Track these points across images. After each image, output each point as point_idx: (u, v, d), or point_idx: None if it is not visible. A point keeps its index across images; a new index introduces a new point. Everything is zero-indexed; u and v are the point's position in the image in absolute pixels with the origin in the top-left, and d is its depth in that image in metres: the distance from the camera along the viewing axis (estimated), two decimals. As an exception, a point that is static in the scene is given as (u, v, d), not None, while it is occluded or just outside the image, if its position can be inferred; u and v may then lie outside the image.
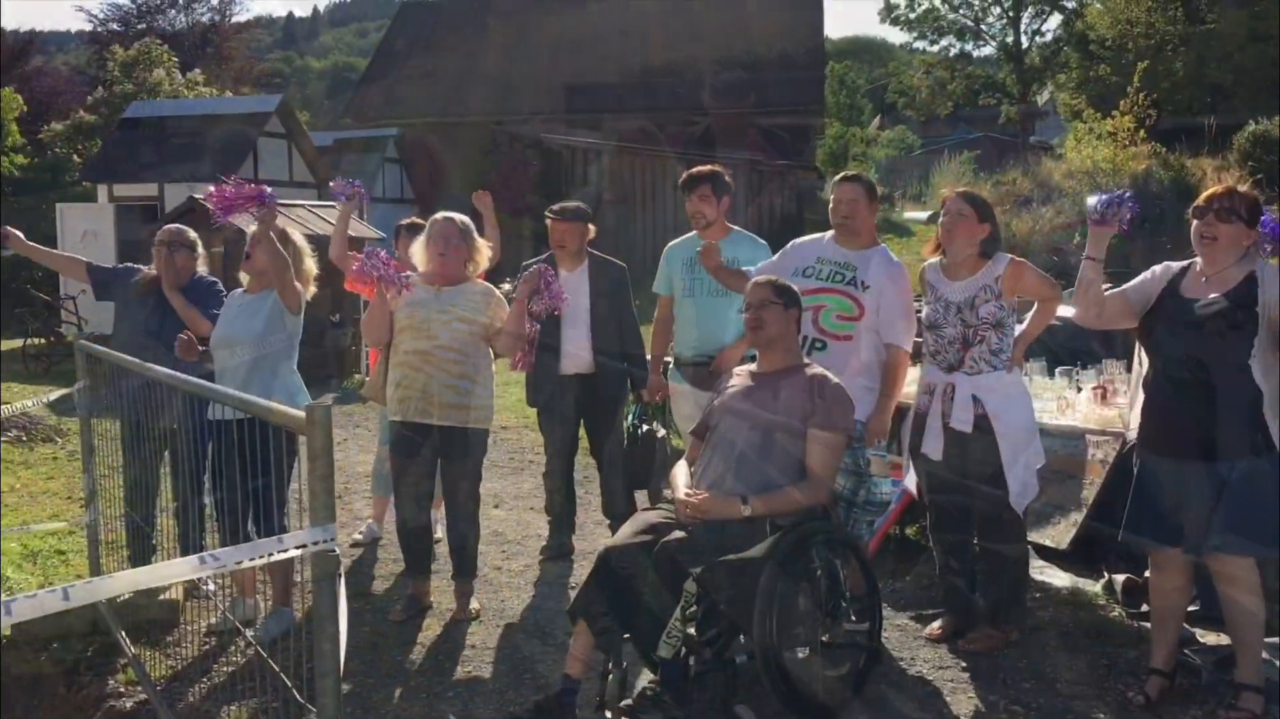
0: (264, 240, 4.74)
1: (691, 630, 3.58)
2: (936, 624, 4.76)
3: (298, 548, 2.14)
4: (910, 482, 5.03)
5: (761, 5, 27.86)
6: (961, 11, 32.39)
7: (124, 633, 4.58)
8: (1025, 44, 31.52)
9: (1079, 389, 5.46)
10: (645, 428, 5.79)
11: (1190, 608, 4.42)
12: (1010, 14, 31.20)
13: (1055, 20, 31.57)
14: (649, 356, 5.94)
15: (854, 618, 4.02)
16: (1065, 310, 4.92)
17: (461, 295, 4.96)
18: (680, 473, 4.19)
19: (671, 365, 5.67)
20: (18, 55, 41.46)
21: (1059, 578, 5.32)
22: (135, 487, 5.13)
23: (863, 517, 4.76)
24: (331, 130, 28.57)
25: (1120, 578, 5.04)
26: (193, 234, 5.44)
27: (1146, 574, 4.34)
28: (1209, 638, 4.50)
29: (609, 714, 3.70)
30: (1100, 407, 5.16)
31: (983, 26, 32.40)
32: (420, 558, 5.23)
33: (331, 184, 5.35)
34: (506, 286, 5.30)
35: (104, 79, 31.39)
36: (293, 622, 4.69)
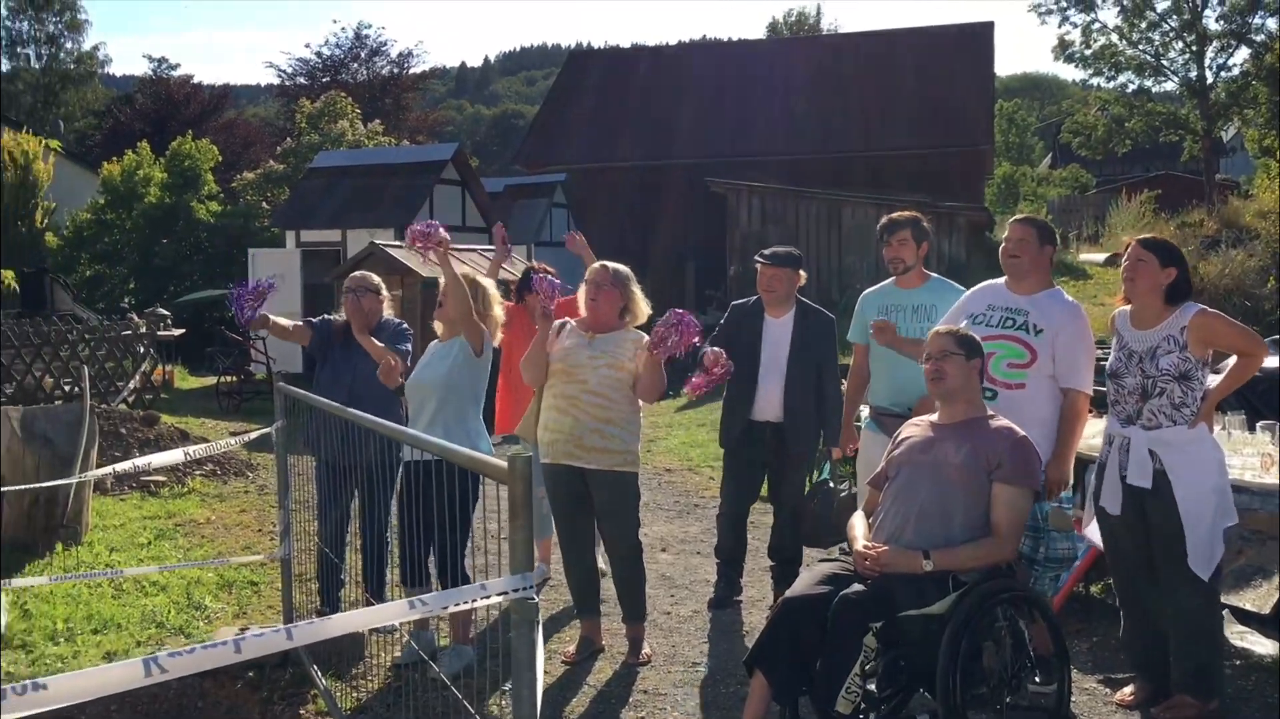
0: (448, 280, 4.90)
1: (871, 687, 3.53)
2: (1128, 690, 4.54)
3: (499, 595, 2.20)
4: (1095, 535, 4.83)
5: (929, 43, 27.52)
6: (1141, 47, 31.20)
7: (315, 665, 4.78)
8: (1210, 79, 30.13)
9: (1282, 444, 5.16)
10: (833, 485, 5.74)
11: None
12: (1194, 48, 29.91)
13: (1242, 54, 30.13)
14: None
15: (1040, 680, 3.89)
16: (1272, 361, 4.67)
17: (613, 342, 5.06)
18: (858, 523, 4.15)
19: (866, 416, 5.61)
20: (213, 108, 44.34)
21: (1262, 644, 5.01)
22: (328, 523, 5.38)
23: (1045, 573, 4.61)
24: (502, 176, 29.46)
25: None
26: (376, 279, 5.69)
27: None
28: None
29: (786, 768, 3.66)
30: (1307, 464, 4.87)
31: (1164, 62, 31.12)
32: (588, 599, 5.30)
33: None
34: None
35: (292, 130, 33.20)
36: (473, 659, 4.81)
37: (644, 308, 5.26)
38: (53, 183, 26.50)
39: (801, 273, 5.88)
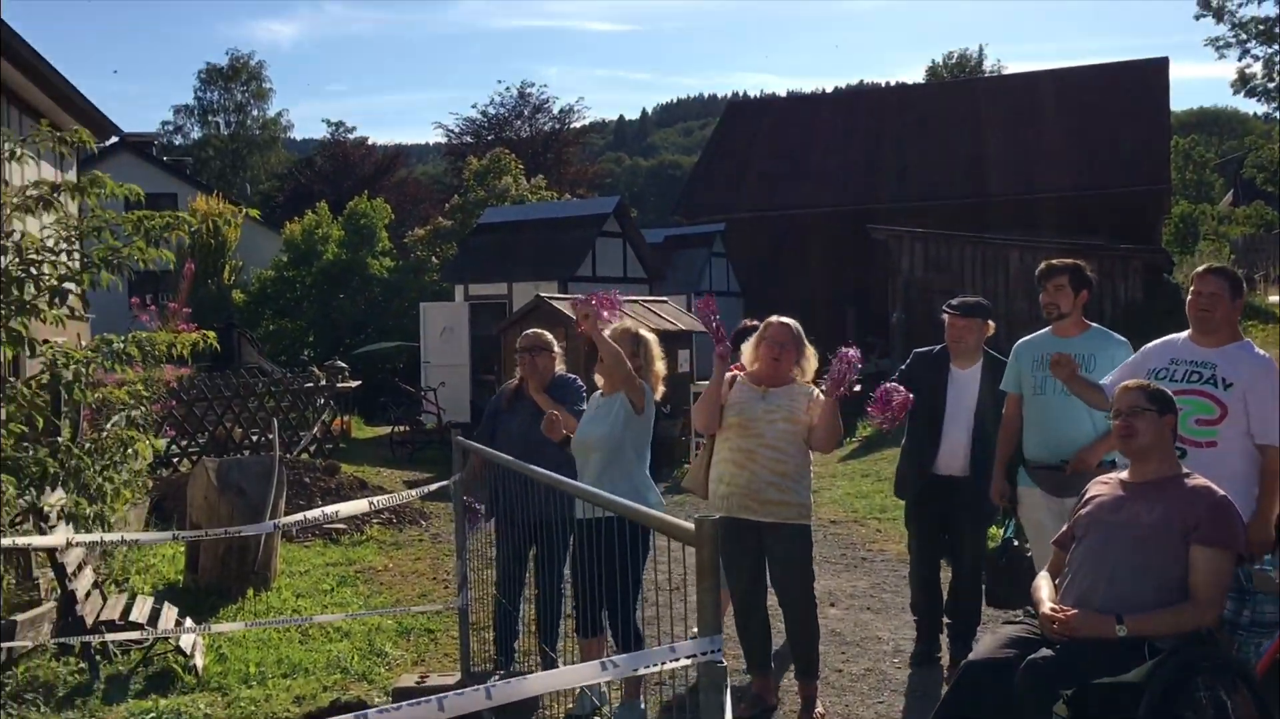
0: (603, 344, 4.98)
1: (1061, 757, 3.39)
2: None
3: (688, 658, 2.22)
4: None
5: (1100, 82, 26.71)
6: (1330, 78, 29.65)
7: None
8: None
9: None
10: (1019, 543, 5.57)
11: None
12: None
13: None
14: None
15: (1245, 755, 3.66)
16: None
17: (787, 396, 5.07)
18: (1044, 586, 4.01)
19: (1020, 468, 5.45)
20: (386, 168, 46.34)
21: None
22: (503, 575, 5.50)
23: (1249, 639, 4.34)
24: (661, 227, 29.83)
25: None
26: (549, 336, 5.80)
27: None
28: None
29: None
30: None
31: (1355, 93, 29.47)
32: (760, 655, 5.26)
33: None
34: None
35: (459, 187, 34.38)
36: (644, 715, 4.82)
37: (814, 362, 5.27)
38: (239, 242, 28.14)
39: (990, 323, 5.78)
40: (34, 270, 4.95)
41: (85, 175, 5.01)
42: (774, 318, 5.30)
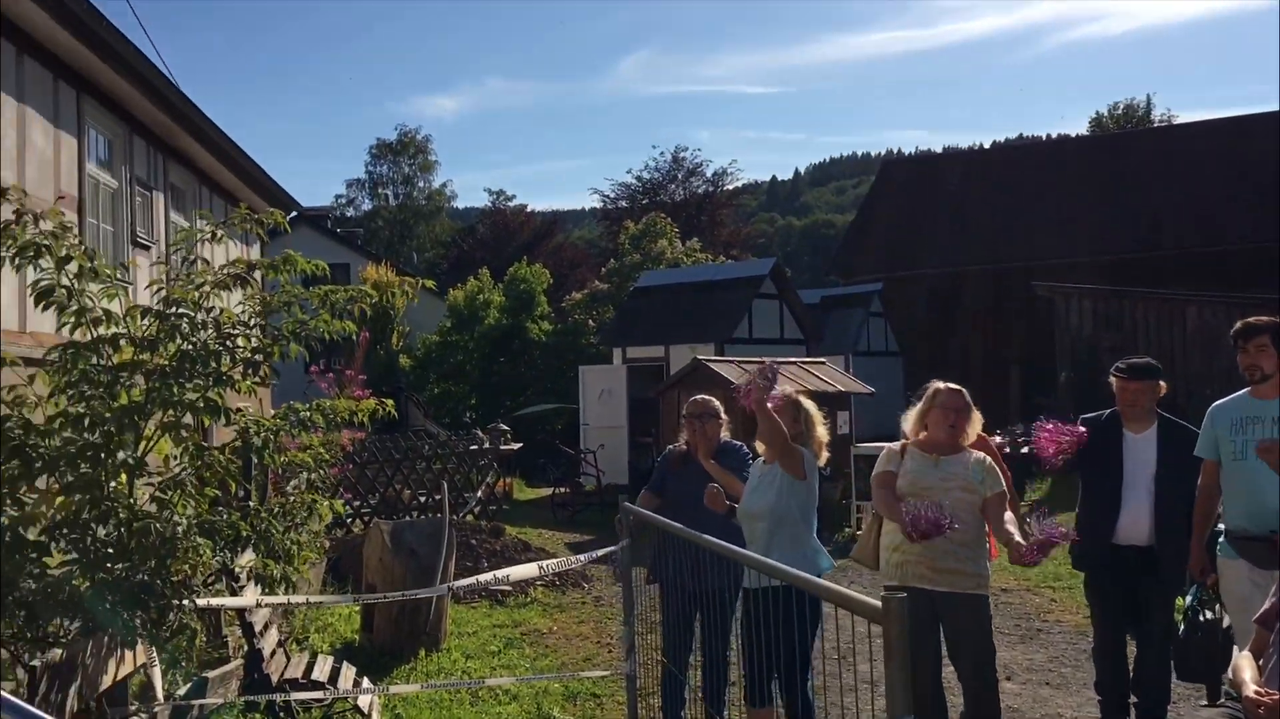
0: (764, 417, 4.97)
1: None
2: None
3: (879, 739, 2.18)
4: None
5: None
6: None
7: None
8: None
9: None
10: (1206, 615, 5.29)
11: None
12: None
13: None
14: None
15: None
16: None
17: (960, 464, 4.99)
18: (1246, 667, 3.77)
19: (1221, 539, 5.17)
20: (544, 234, 47.58)
21: None
22: (671, 641, 5.50)
23: None
24: (816, 287, 29.67)
25: None
26: (716, 403, 5.82)
27: None
28: None
29: None
30: None
31: None
32: (937, 729, 5.11)
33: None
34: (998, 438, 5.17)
35: (615, 251, 34.98)
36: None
37: (979, 427, 5.18)
38: (406, 309, 29.19)
39: (1162, 384, 5.56)
40: (229, 344, 5.23)
41: (278, 255, 5.29)
42: (941, 384, 5.22)
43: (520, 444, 18.11)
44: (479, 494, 14.70)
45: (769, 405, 4.83)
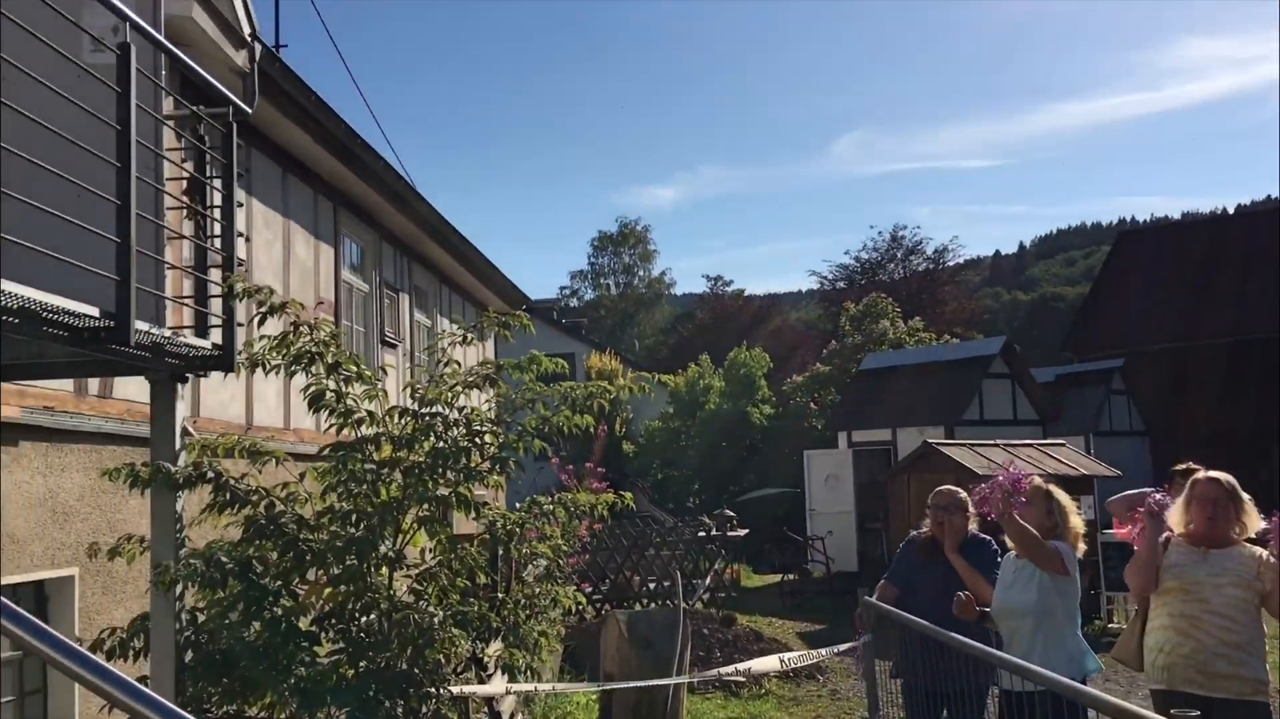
0: (1014, 530, 4.78)
1: None
2: None
3: None
4: None
5: None
6: None
7: None
8: None
9: None
10: None
11: None
12: None
13: None
14: None
15: None
16: None
17: (1232, 559, 4.67)
18: None
19: None
20: (762, 317, 47.78)
21: None
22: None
23: None
24: (1049, 365, 28.46)
25: None
26: (963, 495, 5.63)
27: None
28: None
29: None
30: None
31: None
32: None
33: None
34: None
35: (835, 332, 34.67)
36: None
37: (1256, 519, 4.80)
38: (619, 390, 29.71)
39: None
40: (478, 440, 5.47)
41: (524, 355, 5.53)
42: (1201, 474, 4.93)
43: (746, 530, 18.02)
44: (707, 581, 14.67)
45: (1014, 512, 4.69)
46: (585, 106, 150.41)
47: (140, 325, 4.10)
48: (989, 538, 5.58)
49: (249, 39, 7.19)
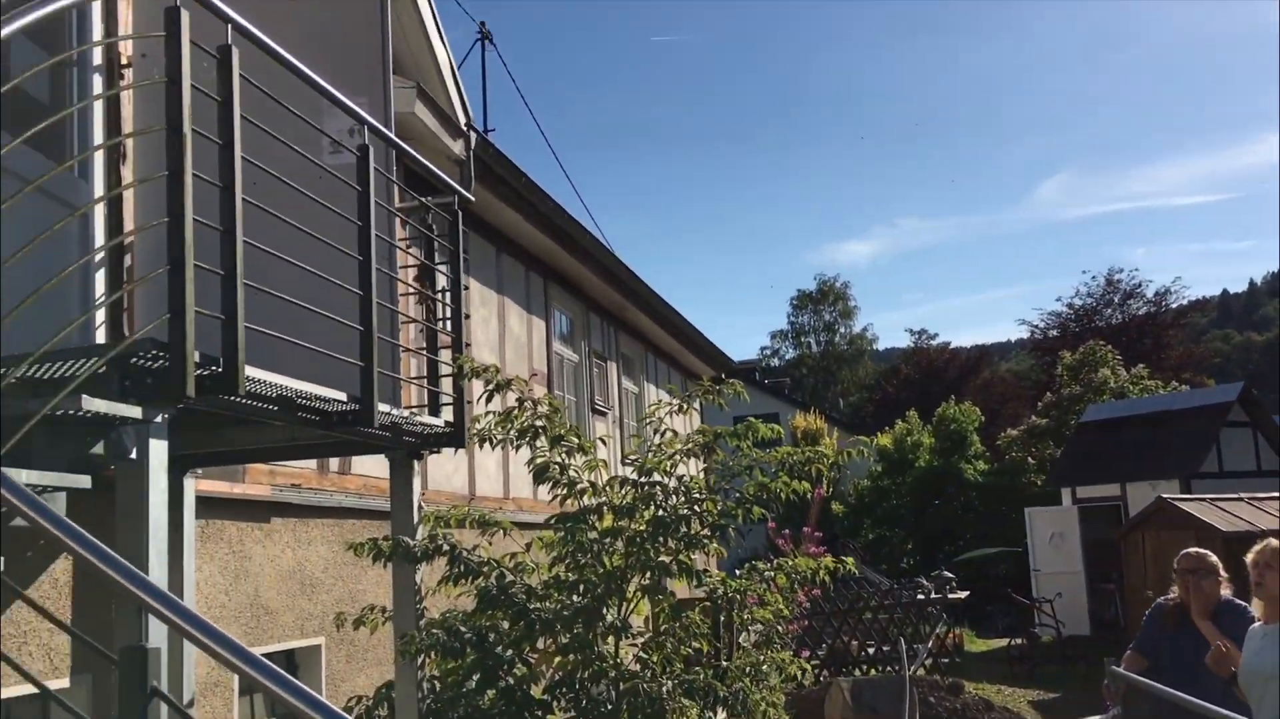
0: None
1: None
2: None
3: None
4: None
5: None
6: None
7: None
8: None
9: None
10: None
11: None
12: None
13: None
14: None
15: None
16: None
17: None
18: None
19: None
20: (970, 370, 46.31)
21: None
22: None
23: None
24: (1292, 409, 26.46)
25: None
26: (1213, 558, 5.28)
27: None
28: None
29: None
30: None
31: None
32: None
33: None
34: None
35: (1050, 383, 33.23)
36: None
37: None
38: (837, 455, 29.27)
39: None
40: (697, 508, 5.50)
41: (741, 424, 5.55)
42: None
43: (967, 592, 17.36)
44: (929, 646, 14.19)
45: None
46: (778, 168, 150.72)
47: (382, 407, 4.33)
48: (1245, 604, 5.19)
49: (465, 129, 7.58)
